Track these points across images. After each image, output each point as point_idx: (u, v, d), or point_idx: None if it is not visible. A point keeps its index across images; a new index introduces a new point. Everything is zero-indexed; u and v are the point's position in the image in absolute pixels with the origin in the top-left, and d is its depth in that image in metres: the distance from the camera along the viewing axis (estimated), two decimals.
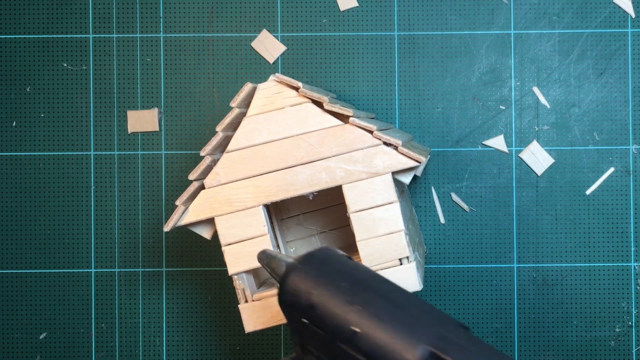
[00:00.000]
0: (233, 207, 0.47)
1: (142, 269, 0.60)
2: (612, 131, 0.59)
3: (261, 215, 0.47)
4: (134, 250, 0.59)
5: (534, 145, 0.59)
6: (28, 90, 0.60)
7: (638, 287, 0.59)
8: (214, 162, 0.47)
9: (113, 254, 0.60)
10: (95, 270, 0.60)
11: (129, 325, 0.59)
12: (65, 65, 0.60)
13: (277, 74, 0.47)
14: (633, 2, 0.58)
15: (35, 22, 0.60)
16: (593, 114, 0.59)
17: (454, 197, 0.59)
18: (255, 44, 0.60)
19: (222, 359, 0.60)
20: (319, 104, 0.47)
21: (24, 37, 0.60)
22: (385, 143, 0.46)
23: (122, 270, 0.60)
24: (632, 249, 0.59)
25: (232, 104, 0.47)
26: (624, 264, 0.59)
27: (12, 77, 0.60)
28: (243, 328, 0.47)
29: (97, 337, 0.60)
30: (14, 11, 0.60)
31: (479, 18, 0.59)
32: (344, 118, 0.47)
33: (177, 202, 0.48)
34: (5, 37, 0.60)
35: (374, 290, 0.39)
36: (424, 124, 0.59)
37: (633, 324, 0.59)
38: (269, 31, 0.59)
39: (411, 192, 0.59)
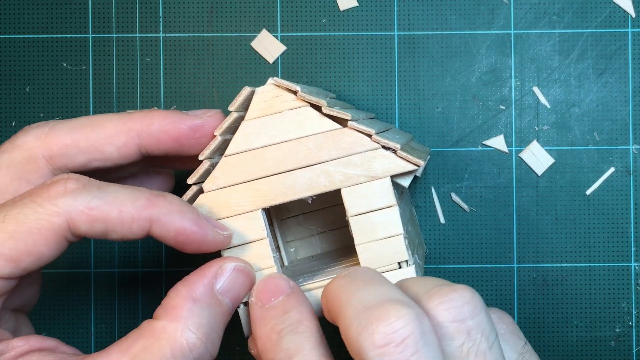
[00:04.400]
0: (232, 211, 0.47)
1: (142, 269, 0.60)
2: (612, 131, 0.59)
3: (260, 219, 0.47)
4: (134, 251, 0.60)
5: (534, 145, 0.59)
6: (27, 90, 0.60)
7: (638, 287, 0.59)
8: (213, 166, 0.47)
9: (113, 254, 0.60)
10: (95, 270, 0.60)
11: (128, 326, 0.60)
12: (64, 65, 0.60)
13: (275, 78, 0.47)
14: (633, 2, 0.58)
15: (34, 22, 0.60)
16: (593, 114, 0.59)
17: (454, 197, 0.59)
18: (255, 44, 0.60)
19: (221, 359, 0.60)
20: (317, 107, 0.47)
21: (24, 37, 0.60)
22: (384, 146, 0.46)
23: (121, 270, 0.60)
24: (632, 249, 0.59)
25: (231, 108, 0.47)
26: (624, 264, 0.59)
27: (12, 77, 0.60)
28: (242, 330, 0.47)
29: (97, 337, 0.60)
30: (14, 11, 0.60)
31: (479, 18, 0.59)
32: (342, 122, 0.47)
33: None
34: (5, 37, 0.60)
35: None
36: (424, 124, 0.59)
37: (633, 324, 0.59)
38: (268, 31, 0.59)
39: (411, 192, 0.59)
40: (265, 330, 0.44)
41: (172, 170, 0.55)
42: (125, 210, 0.43)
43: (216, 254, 0.47)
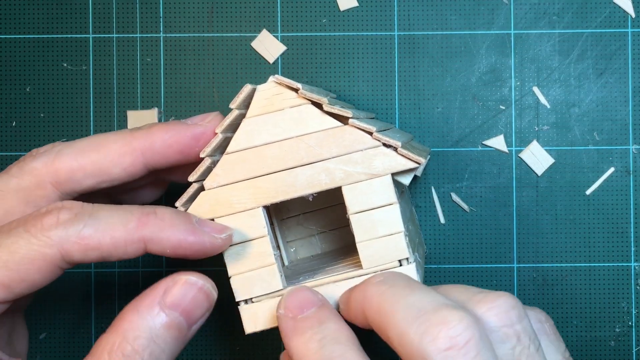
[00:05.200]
0: (233, 208, 0.47)
1: (142, 269, 0.60)
2: (612, 131, 0.59)
3: (261, 217, 0.47)
4: None
5: (534, 145, 0.59)
6: (28, 90, 0.60)
7: (638, 287, 0.59)
8: (214, 164, 0.47)
9: None
10: (95, 270, 0.60)
11: None
12: (65, 65, 0.60)
13: (276, 76, 0.47)
14: (633, 2, 0.58)
15: (35, 22, 0.60)
16: (593, 114, 0.59)
17: (454, 197, 0.59)
18: (255, 44, 0.60)
19: (222, 359, 0.60)
20: (318, 105, 0.47)
21: (24, 37, 0.60)
22: (384, 144, 0.46)
23: (122, 270, 0.60)
24: (632, 249, 0.59)
25: (232, 106, 0.47)
26: (624, 264, 0.59)
27: (12, 77, 0.60)
28: (243, 329, 0.47)
29: (97, 337, 0.60)
30: (14, 11, 0.60)
31: (479, 18, 0.59)
32: (343, 119, 0.47)
33: (177, 204, 0.48)
34: (5, 37, 0.60)
35: None
36: (424, 124, 0.59)
37: (633, 324, 0.59)
38: (269, 31, 0.59)
39: (411, 192, 0.59)
40: (302, 340, 0.43)
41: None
42: (117, 235, 0.43)
43: (219, 255, 0.47)
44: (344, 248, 0.56)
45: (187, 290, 0.44)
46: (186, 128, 0.48)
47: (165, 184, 0.55)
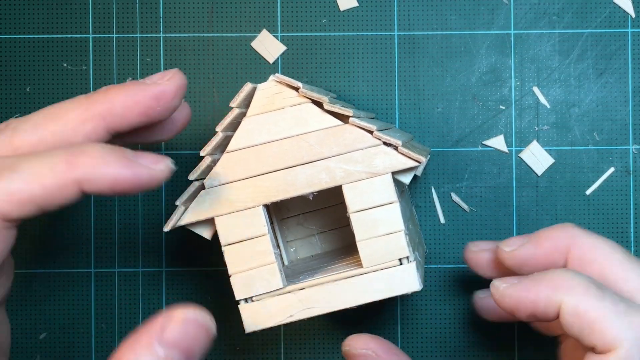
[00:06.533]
0: (233, 207, 0.47)
1: (142, 269, 0.60)
2: (612, 131, 0.59)
3: (261, 216, 0.47)
4: (134, 250, 0.59)
5: (534, 145, 0.59)
6: (28, 90, 0.60)
7: None
8: (214, 162, 0.47)
9: (113, 254, 0.60)
10: (95, 270, 0.60)
11: (129, 325, 0.59)
12: (65, 65, 0.60)
13: (277, 74, 0.47)
14: (633, 2, 0.58)
15: (35, 22, 0.60)
16: (593, 114, 0.59)
17: (454, 197, 0.59)
18: (255, 44, 0.60)
19: (222, 359, 0.60)
20: (319, 104, 0.47)
21: (24, 37, 0.60)
22: (385, 143, 0.46)
23: (121, 270, 0.60)
24: (632, 249, 0.59)
25: (232, 104, 0.47)
26: None
27: (12, 77, 0.60)
28: (243, 328, 0.47)
29: (97, 337, 0.60)
30: (14, 11, 0.60)
31: (479, 18, 0.59)
32: (344, 118, 0.47)
33: (177, 202, 0.48)
34: (5, 37, 0.60)
35: None
36: (424, 124, 0.59)
37: None
38: (269, 31, 0.59)
39: (411, 192, 0.59)
40: None
41: None
42: (48, 182, 0.41)
43: (219, 254, 0.47)
44: (344, 248, 0.56)
45: (186, 327, 0.41)
46: (145, 88, 0.45)
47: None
